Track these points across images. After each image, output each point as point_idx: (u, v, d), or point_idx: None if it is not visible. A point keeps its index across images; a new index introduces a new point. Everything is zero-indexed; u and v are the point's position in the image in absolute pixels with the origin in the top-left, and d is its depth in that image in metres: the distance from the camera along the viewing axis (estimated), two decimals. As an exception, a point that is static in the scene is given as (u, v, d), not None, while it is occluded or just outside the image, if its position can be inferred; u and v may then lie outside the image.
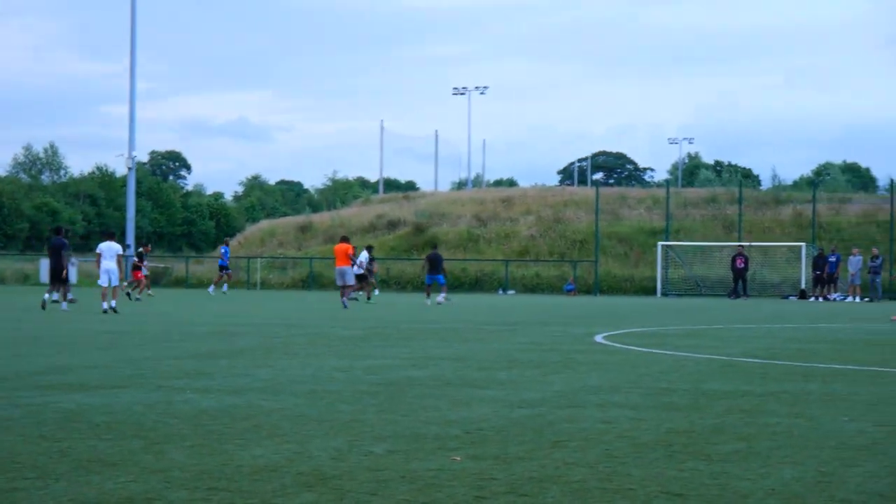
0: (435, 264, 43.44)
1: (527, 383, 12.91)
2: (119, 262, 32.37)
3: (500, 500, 6.63)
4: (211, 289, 52.10)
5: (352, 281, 38.22)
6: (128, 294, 42.71)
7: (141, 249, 49.01)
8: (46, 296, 32.83)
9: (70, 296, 33.17)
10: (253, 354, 16.69)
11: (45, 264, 66.52)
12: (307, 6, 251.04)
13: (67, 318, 27.21)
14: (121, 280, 32.96)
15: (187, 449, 8.15)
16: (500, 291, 61.10)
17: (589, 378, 13.59)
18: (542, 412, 10.33)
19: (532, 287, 62.19)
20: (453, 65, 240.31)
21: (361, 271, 43.34)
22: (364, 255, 45.60)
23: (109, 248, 32.06)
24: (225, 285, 52.38)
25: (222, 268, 53.63)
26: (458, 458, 7.86)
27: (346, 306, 36.09)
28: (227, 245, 55.82)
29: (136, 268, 44.83)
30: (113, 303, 30.93)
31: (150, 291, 46.51)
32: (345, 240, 39.55)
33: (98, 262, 32.20)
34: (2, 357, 15.76)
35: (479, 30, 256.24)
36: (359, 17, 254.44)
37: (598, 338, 21.23)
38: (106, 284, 31.32)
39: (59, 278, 33.23)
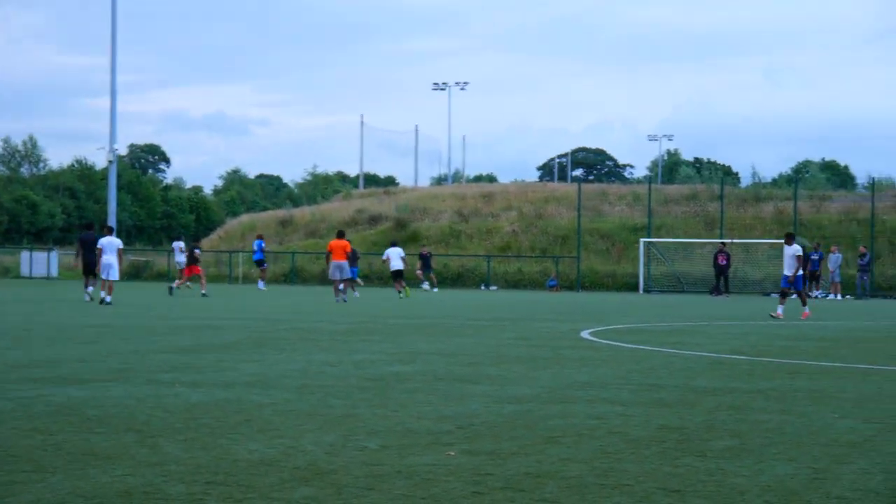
0: (352, 260, 45.91)
1: (516, 379, 12.94)
2: (119, 257, 33.20)
3: (496, 495, 6.64)
4: (261, 284, 52.41)
5: (348, 275, 38.74)
6: (182, 287, 42.97)
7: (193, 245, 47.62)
8: (90, 289, 33.26)
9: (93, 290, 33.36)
10: (240, 349, 16.67)
11: (37, 259, 66.43)
12: None
13: (48, 311, 27.11)
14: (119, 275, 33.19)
15: (181, 443, 8.15)
16: (483, 287, 61.10)
17: (577, 374, 13.61)
18: (533, 408, 10.35)
19: (514, 283, 62.18)
20: (433, 60, 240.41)
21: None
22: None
23: (110, 243, 33.07)
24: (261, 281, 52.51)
25: (260, 262, 53.23)
26: (454, 454, 7.88)
27: (345, 300, 36.56)
28: (262, 238, 55.49)
29: (194, 261, 43.67)
30: (108, 297, 31.57)
31: (183, 284, 45.24)
32: (341, 235, 39.90)
33: (99, 256, 32.89)
34: (-12, 350, 15.73)
35: (460, 25, 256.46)
36: (339, 11, 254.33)
37: (584, 334, 21.26)
38: (105, 277, 32.32)
39: (92, 272, 34.35)
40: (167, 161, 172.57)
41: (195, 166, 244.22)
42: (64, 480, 6.81)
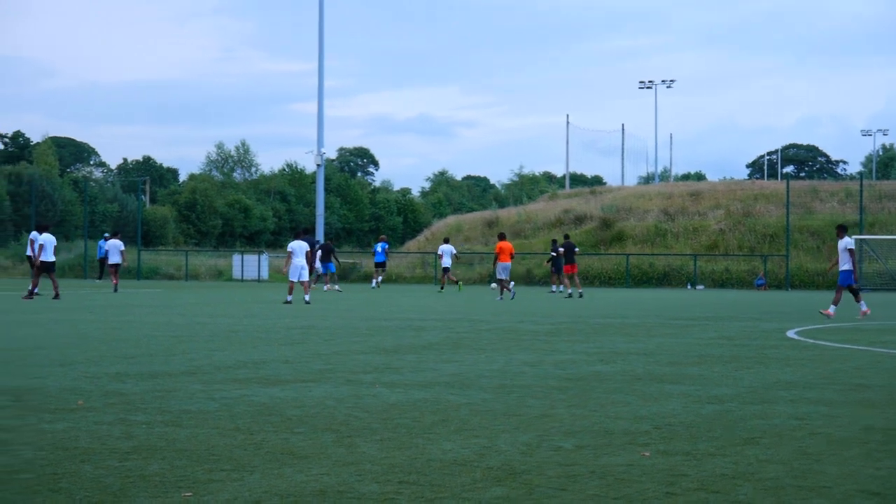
0: (325, 254, 48.65)
1: (717, 379, 12.75)
2: (308, 258, 34.64)
3: (690, 496, 6.55)
4: (373, 283, 54.24)
5: (506, 276, 39.97)
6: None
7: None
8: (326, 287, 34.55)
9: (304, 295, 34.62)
10: (440, 349, 16.78)
11: (248, 261, 68.00)
12: (490, 2, 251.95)
13: (257, 314, 27.66)
14: (311, 272, 34.59)
15: (377, 442, 8.23)
16: (689, 286, 60.44)
17: (781, 374, 13.36)
18: (733, 408, 10.19)
19: (721, 282, 61.36)
20: (639, 58, 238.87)
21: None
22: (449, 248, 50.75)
23: (300, 247, 34.32)
24: (374, 280, 53.74)
25: (381, 264, 54.49)
26: (648, 454, 7.80)
27: (512, 297, 38.65)
28: (384, 241, 56.61)
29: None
30: (306, 296, 33.72)
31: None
32: (504, 237, 41.46)
33: (288, 259, 34.24)
34: (201, 351, 16.12)
35: (664, 22, 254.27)
36: (542, 12, 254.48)
37: (791, 333, 20.86)
38: (295, 279, 33.71)
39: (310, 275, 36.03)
40: (376, 164, 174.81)
41: (403, 168, 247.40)
42: (261, 479, 6.93)
